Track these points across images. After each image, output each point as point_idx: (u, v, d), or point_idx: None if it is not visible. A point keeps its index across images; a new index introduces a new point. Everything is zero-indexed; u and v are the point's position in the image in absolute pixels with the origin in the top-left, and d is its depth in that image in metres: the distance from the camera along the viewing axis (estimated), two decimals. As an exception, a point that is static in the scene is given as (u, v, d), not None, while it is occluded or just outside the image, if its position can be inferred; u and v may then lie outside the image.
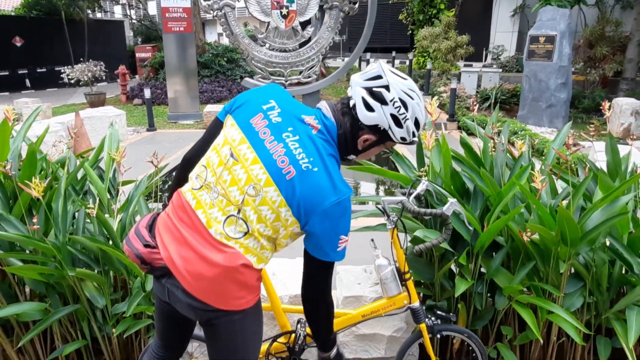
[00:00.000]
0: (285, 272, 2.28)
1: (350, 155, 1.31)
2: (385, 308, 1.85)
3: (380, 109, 1.20)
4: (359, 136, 1.25)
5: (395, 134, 1.23)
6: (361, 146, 1.27)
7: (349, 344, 2.15)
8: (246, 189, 1.19)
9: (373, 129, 1.23)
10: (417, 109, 1.24)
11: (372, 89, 1.21)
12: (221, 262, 1.20)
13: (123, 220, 2.25)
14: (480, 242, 1.92)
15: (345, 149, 1.27)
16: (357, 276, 2.25)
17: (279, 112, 1.23)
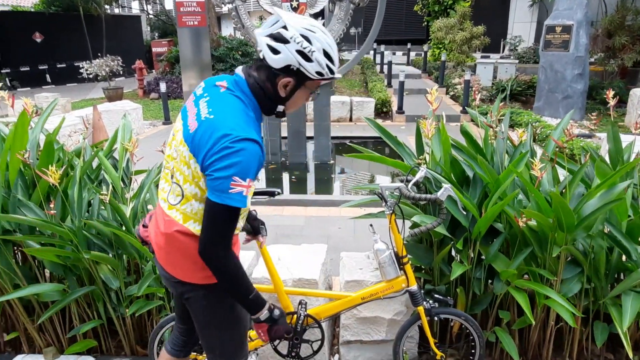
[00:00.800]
0: (289, 257, 2.35)
1: (279, 107, 1.34)
2: (384, 291, 1.91)
3: (285, 48, 1.23)
4: (277, 83, 1.28)
5: (308, 70, 1.25)
6: (283, 92, 1.30)
7: (350, 326, 2.22)
8: (173, 154, 1.34)
9: (286, 70, 1.26)
10: (322, 42, 1.25)
11: (272, 33, 1.24)
12: (162, 230, 1.37)
13: (135, 207, 2.35)
14: (478, 228, 1.96)
15: (267, 99, 1.31)
16: (359, 262, 2.31)
17: (202, 87, 1.36)
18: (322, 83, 1.35)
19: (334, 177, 5.80)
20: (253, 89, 1.30)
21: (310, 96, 1.38)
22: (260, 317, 1.38)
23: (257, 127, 1.28)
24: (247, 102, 1.29)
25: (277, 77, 1.28)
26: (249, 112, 1.28)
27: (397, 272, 1.89)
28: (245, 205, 1.21)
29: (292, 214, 4.27)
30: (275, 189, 1.90)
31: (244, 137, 1.19)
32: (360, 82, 11.90)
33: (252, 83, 1.30)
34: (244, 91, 1.29)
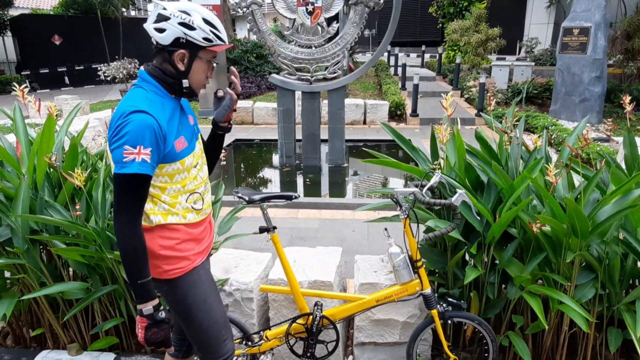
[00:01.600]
0: (305, 259, 2.40)
1: (184, 82, 1.42)
2: (398, 294, 1.95)
3: (167, 24, 1.36)
4: (174, 59, 1.40)
5: (195, 37, 1.37)
6: (182, 65, 1.41)
7: (365, 328, 2.26)
8: None
9: (177, 44, 1.38)
10: (200, 12, 1.39)
11: (155, 19, 1.37)
12: None
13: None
14: (492, 233, 1.98)
15: (169, 78, 1.41)
16: (373, 265, 2.35)
17: None
18: (216, 52, 1.44)
19: (347, 181, 5.84)
20: (152, 74, 1.41)
21: (211, 69, 1.47)
22: (143, 310, 1.37)
23: (158, 104, 1.36)
24: (149, 87, 1.40)
25: (172, 54, 1.39)
26: (150, 95, 1.37)
27: (411, 275, 1.92)
28: (139, 170, 1.28)
29: (307, 217, 4.31)
30: (292, 192, 1.95)
31: (132, 110, 1.29)
32: (374, 85, 11.91)
33: (150, 69, 1.42)
34: (145, 79, 1.41)
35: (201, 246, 1.57)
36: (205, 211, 1.58)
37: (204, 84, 1.49)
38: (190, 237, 1.51)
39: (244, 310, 2.32)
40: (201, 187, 1.55)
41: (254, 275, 2.35)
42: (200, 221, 1.55)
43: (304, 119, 5.77)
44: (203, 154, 1.61)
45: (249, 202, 1.90)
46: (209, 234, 1.64)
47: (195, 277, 1.53)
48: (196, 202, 1.52)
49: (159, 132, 1.33)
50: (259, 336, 2.09)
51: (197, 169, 1.53)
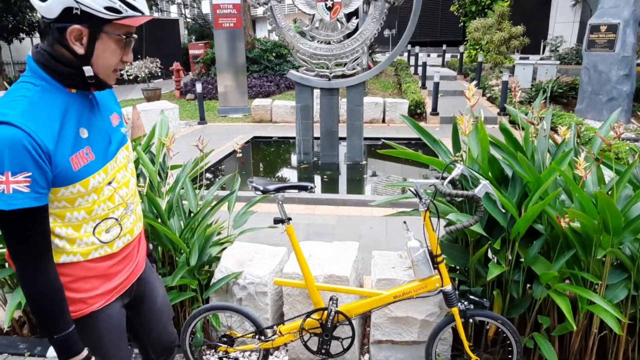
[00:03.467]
0: (321, 253, 2.34)
1: (86, 70, 1.07)
2: (416, 290, 1.87)
3: None
4: (68, 39, 1.04)
5: (91, 6, 1.01)
6: (80, 48, 1.05)
7: (382, 325, 2.18)
8: None
9: (69, 18, 1.02)
10: None
11: None
12: None
13: (170, 200, 2.41)
14: (517, 228, 1.88)
15: (63, 65, 1.06)
16: (391, 260, 2.27)
17: None
18: (130, 26, 1.09)
19: (366, 178, 5.76)
20: (39, 61, 1.06)
21: (126, 48, 1.11)
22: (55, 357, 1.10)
23: (42, 108, 1.02)
24: (36, 80, 1.06)
25: (64, 32, 1.03)
26: (33, 94, 1.03)
27: (431, 270, 1.84)
28: (10, 205, 0.96)
29: (324, 213, 4.26)
30: (308, 183, 1.89)
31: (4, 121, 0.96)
32: (393, 84, 11.79)
33: (37, 54, 1.07)
34: (32, 69, 1.07)
35: (112, 282, 1.22)
36: (123, 240, 1.23)
37: (117, 69, 1.12)
38: (92, 274, 1.17)
39: (257, 305, 2.28)
40: (118, 211, 1.19)
41: (268, 269, 2.30)
42: (113, 253, 1.21)
43: (322, 115, 5.72)
44: (130, 163, 1.26)
45: (263, 192, 1.85)
46: (132, 263, 1.30)
47: (90, 323, 1.19)
48: (110, 230, 1.18)
49: (36, 150, 0.97)
50: (272, 331, 2.04)
51: (114, 187, 1.17)
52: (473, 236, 2.01)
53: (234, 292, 2.31)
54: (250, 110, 9.33)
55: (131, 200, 1.26)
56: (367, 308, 1.94)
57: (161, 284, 1.56)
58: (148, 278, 1.46)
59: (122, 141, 1.24)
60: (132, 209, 1.27)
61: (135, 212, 1.30)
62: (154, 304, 1.48)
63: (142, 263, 1.40)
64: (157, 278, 1.54)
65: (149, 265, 1.49)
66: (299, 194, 4.47)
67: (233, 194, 2.65)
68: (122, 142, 1.24)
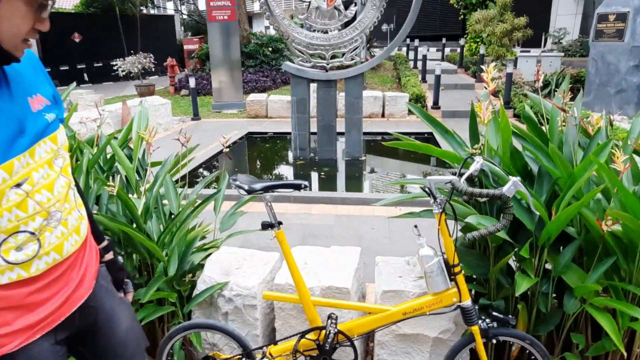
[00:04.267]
0: (317, 261, 2.06)
1: None
2: (430, 306, 1.59)
3: None
4: None
5: None
6: None
7: (387, 344, 1.91)
8: None
9: None
10: None
11: None
12: None
13: (148, 201, 2.12)
14: (548, 233, 1.60)
15: None
16: (398, 269, 1.99)
17: None
18: None
19: (365, 174, 5.48)
20: None
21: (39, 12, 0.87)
22: None
23: None
24: None
25: None
26: None
27: (447, 283, 1.56)
28: None
29: (321, 213, 3.97)
30: (302, 181, 1.61)
31: None
32: (392, 78, 11.50)
33: None
34: None
35: (35, 315, 0.96)
36: (46, 260, 0.96)
37: (25, 37, 0.89)
38: (6, 305, 0.93)
39: (246, 319, 2.00)
40: (35, 222, 0.93)
41: (258, 278, 2.02)
42: (31, 278, 0.94)
43: (319, 109, 5.42)
44: (59, 159, 0.99)
45: (249, 192, 1.57)
46: (66, 288, 1.02)
47: None
48: (22, 247, 0.92)
49: None
50: (262, 353, 1.76)
51: (25, 191, 0.90)
52: (494, 241, 1.73)
53: (218, 305, 2.03)
54: (245, 105, 9.03)
55: (58, 208, 0.97)
56: (371, 327, 1.66)
57: (127, 309, 1.26)
58: (102, 304, 1.16)
59: (45, 130, 0.95)
60: (60, 219, 0.98)
61: (67, 224, 1.01)
62: (112, 337, 1.18)
63: (89, 286, 1.11)
64: (120, 303, 1.24)
65: (104, 288, 1.20)
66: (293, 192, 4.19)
67: (219, 193, 2.37)
68: (45, 132, 0.95)
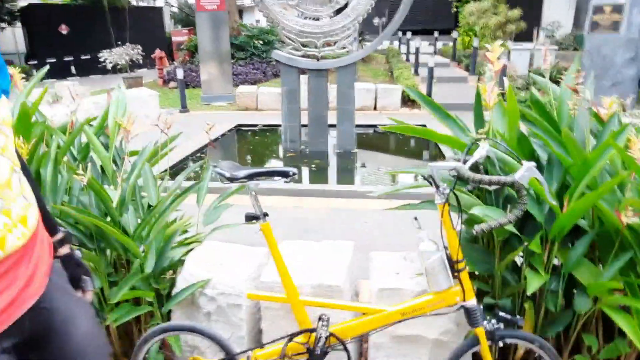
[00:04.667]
0: (308, 256, 1.91)
1: None
2: (431, 305, 1.45)
3: None
4: None
5: None
6: None
7: (383, 346, 1.76)
8: None
9: None
10: None
11: None
12: None
13: (124, 192, 1.95)
14: (560, 226, 1.47)
15: None
16: (394, 265, 1.85)
17: None
18: None
19: (358, 167, 5.33)
20: None
21: None
22: None
23: None
24: None
25: None
26: None
27: (450, 281, 1.42)
28: None
29: (312, 206, 3.82)
30: (290, 168, 1.45)
31: None
32: (384, 72, 11.35)
33: None
34: None
35: None
36: None
37: None
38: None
39: (230, 320, 1.84)
40: None
41: (243, 275, 1.86)
42: None
43: (310, 99, 5.25)
44: None
45: (230, 180, 1.41)
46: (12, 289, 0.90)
47: None
48: None
49: None
50: (247, 357, 1.60)
51: None
52: (500, 235, 1.59)
53: (200, 304, 1.87)
54: (234, 98, 8.82)
55: None
56: (366, 329, 1.51)
57: (85, 310, 1.12)
58: (56, 305, 1.01)
59: None
60: (1, 208, 0.86)
61: (10, 214, 0.88)
62: (69, 342, 1.04)
63: (40, 285, 0.96)
64: (77, 303, 1.10)
65: (59, 286, 1.04)
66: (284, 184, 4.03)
67: (202, 183, 2.20)
68: None
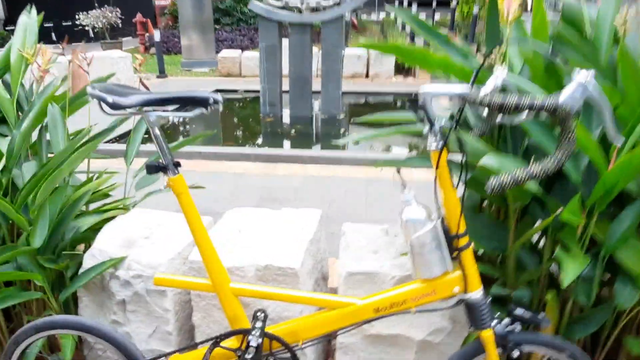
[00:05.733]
0: (258, 228, 1.44)
1: None
2: (417, 299, 1.00)
3: None
4: None
5: None
6: None
7: (354, 347, 1.32)
8: None
9: None
10: None
11: None
12: None
13: (13, 139, 1.47)
14: (604, 187, 1.01)
15: None
16: (372, 240, 1.39)
17: None
18: None
19: (344, 133, 4.84)
20: None
21: None
22: None
23: None
24: None
25: None
26: None
27: (446, 264, 0.97)
28: None
29: (287, 174, 3.35)
30: (210, 94, 0.96)
31: None
32: (379, 41, 10.75)
33: None
34: None
35: None
36: None
37: None
38: None
39: (152, 311, 1.39)
40: None
41: (171, 253, 1.39)
42: None
43: (291, 58, 4.71)
44: None
45: (113, 107, 0.92)
46: None
47: None
48: None
49: None
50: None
51: None
52: (519, 198, 1.13)
53: (111, 290, 1.41)
54: (217, 64, 8.22)
55: None
56: (325, 329, 1.06)
57: None
58: None
59: None
60: None
61: None
62: None
63: None
64: None
65: None
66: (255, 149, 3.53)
67: (134, 136, 1.73)
68: None
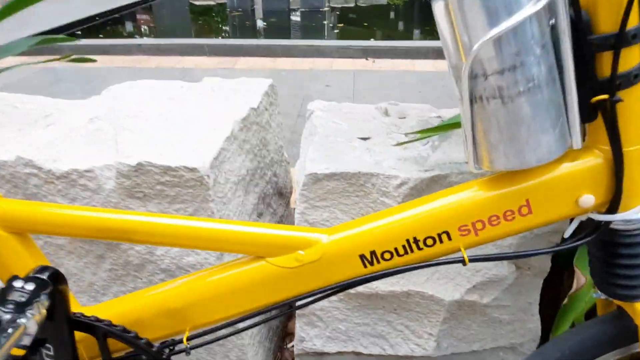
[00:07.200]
0: (168, 108, 0.78)
1: None
2: (484, 222, 0.37)
3: None
4: None
5: None
6: None
7: (325, 315, 0.73)
8: None
9: None
10: None
11: None
12: None
13: None
14: None
15: None
16: (360, 124, 0.74)
17: None
18: None
19: (327, 26, 4.04)
20: None
21: None
22: None
23: None
24: None
25: None
26: None
27: (564, 132, 0.31)
28: None
29: (251, 67, 2.63)
30: None
31: None
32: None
33: None
34: None
35: None
36: None
37: None
38: None
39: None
40: None
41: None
42: None
43: None
44: None
45: None
46: None
47: None
48: None
49: None
50: None
51: None
52: None
53: None
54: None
55: None
56: (233, 309, 0.44)
57: None
58: None
59: None
60: None
61: None
62: None
63: None
64: None
65: None
66: (215, 39, 2.76)
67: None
68: None
